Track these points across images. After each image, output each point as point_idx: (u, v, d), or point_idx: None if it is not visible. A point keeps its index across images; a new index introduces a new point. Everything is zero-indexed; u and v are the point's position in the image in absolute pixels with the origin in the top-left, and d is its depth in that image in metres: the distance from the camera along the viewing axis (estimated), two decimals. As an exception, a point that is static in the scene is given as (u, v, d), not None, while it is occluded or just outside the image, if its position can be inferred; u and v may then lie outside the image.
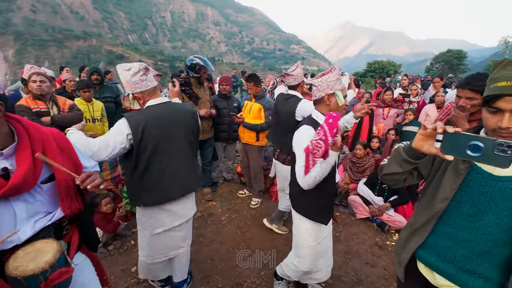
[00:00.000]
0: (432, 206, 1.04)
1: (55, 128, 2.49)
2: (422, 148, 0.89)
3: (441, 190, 1.01)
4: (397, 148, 1.04)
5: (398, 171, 1.02)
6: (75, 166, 1.12)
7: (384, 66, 30.04)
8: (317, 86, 1.55)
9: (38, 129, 1.00)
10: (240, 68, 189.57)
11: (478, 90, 1.63)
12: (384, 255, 2.52)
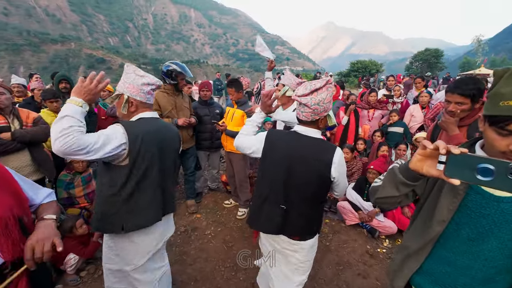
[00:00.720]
0: (428, 228, 0.95)
1: (18, 144, 2.27)
2: (421, 170, 0.80)
3: (437, 211, 0.91)
4: (392, 169, 0.94)
5: (395, 195, 0.92)
6: (16, 199, 0.95)
7: (367, 66, 30.75)
8: (313, 110, 1.30)
9: None
10: (226, 70, 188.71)
11: (467, 94, 1.58)
12: (375, 264, 2.45)
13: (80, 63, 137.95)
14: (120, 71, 70.44)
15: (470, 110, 1.63)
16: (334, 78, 20.36)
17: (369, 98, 4.58)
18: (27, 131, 2.40)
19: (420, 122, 4.03)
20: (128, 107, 1.41)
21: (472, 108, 1.62)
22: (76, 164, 2.92)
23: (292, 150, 1.35)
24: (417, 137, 3.69)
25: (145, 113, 1.44)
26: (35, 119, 2.53)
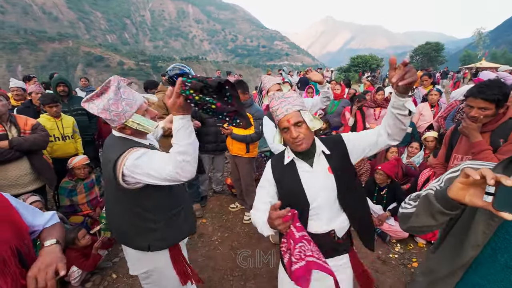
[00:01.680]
0: (460, 253, 0.86)
1: (17, 152, 2.18)
2: (463, 199, 0.71)
3: (471, 234, 0.82)
4: (426, 196, 0.84)
5: (431, 224, 0.83)
6: (15, 230, 0.87)
7: (367, 61, 30.49)
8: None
9: None
10: (225, 66, 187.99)
11: (491, 99, 1.48)
12: (388, 270, 2.38)
13: (78, 61, 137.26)
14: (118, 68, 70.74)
15: (494, 115, 1.53)
16: (335, 74, 20.20)
17: (376, 96, 4.46)
18: (25, 138, 2.31)
19: (429, 121, 3.94)
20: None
21: (496, 114, 1.53)
22: (78, 171, 2.84)
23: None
24: (427, 136, 3.61)
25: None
26: (34, 126, 2.44)
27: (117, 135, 1.33)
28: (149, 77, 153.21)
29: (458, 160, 1.70)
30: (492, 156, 1.50)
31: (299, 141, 1.16)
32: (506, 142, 1.48)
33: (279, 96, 1.20)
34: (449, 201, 0.74)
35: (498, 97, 1.47)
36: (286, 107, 1.16)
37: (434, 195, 0.81)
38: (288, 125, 1.15)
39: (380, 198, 3.00)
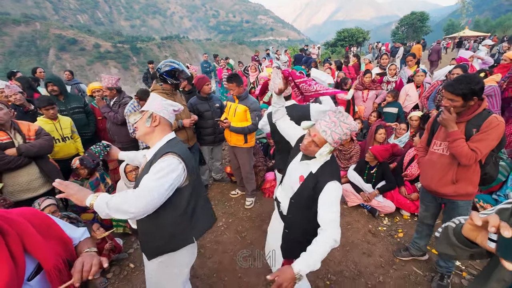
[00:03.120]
0: (486, 284, 0.85)
1: (25, 159, 2.23)
2: (475, 239, 0.75)
3: (498, 269, 0.81)
4: (446, 228, 0.90)
5: (452, 254, 0.87)
6: (63, 244, 1.00)
7: (353, 34, 30.19)
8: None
9: (10, 221, 0.85)
10: (208, 44, 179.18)
11: (456, 93, 1.68)
12: (378, 242, 2.70)
13: (49, 45, 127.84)
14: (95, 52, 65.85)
15: (464, 107, 1.72)
16: (322, 50, 19.98)
17: (364, 79, 4.63)
18: (32, 144, 2.37)
19: (415, 101, 4.17)
20: (152, 122, 1.42)
21: (465, 106, 1.71)
22: (82, 171, 2.93)
23: None
24: (411, 116, 3.85)
25: (170, 134, 1.48)
26: (37, 131, 2.48)
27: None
28: (128, 60, 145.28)
29: (437, 146, 1.93)
30: (464, 144, 1.71)
31: (304, 149, 1.43)
32: (478, 131, 1.69)
33: (340, 118, 1.35)
34: (462, 238, 0.78)
35: (463, 91, 1.66)
36: (331, 130, 1.33)
37: (453, 228, 0.85)
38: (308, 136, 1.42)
39: (370, 176, 3.27)
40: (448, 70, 4.06)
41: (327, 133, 1.32)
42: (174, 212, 1.41)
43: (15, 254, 0.80)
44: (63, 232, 1.00)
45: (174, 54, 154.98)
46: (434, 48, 9.52)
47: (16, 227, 0.84)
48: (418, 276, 2.25)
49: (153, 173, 1.28)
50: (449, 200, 1.94)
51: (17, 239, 0.82)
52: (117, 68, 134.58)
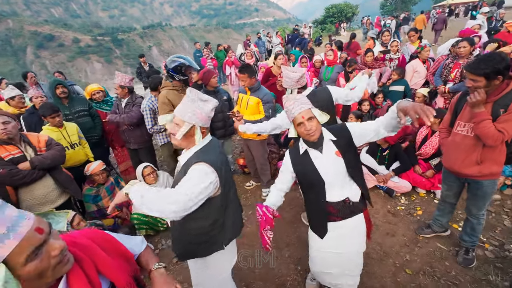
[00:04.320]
0: None
1: (40, 171, 2.16)
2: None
3: None
4: None
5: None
6: (127, 260, 0.99)
7: (342, 9, 29.42)
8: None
9: (81, 247, 0.83)
10: (192, 31, 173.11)
11: (478, 73, 1.65)
12: (398, 221, 2.76)
13: (25, 43, 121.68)
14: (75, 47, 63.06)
15: (488, 87, 1.68)
16: (313, 29, 19.50)
17: (366, 59, 4.56)
18: (45, 156, 2.29)
19: (424, 77, 4.11)
20: (193, 131, 1.39)
21: (489, 85, 1.67)
22: (97, 177, 2.88)
23: None
24: (416, 92, 3.83)
25: (207, 138, 1.45)
26: (47, 142, 2.40)
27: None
28: (111, 52, 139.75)
29: (461, 127, 1.92)
30: (490, 125, 1.69)
31: (312, 132, 1.45)
32: (505, 112, 1.67)
33: (292, 97, 1.48)
34: None
35: (485, 71, 1.62)
36: (299, 106, 1.46)
37: None
38: (302, 120, 1.45)
39: (382, 158, 3.29)
40: (451, 43, 4.01)
41: (305, 105, 1.46)
42: (205, 221, 1.42)
43: (92, 278, 0.79)
44: (125, 248, 0.98)
45: (158, 43, 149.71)
46: (440, 17, 9.89)
47: (87, 251, 0.83)
48: (443, 252, 2.33)
49: (185, 180, 1.27)
50: (473, 180, 1.96)
51: (90, 263, 0.81)
52: (100, 62, 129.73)
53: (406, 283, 2.11)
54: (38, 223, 0.67)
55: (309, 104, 1.49)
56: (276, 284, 2.25)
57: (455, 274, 2.12)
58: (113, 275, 0.86)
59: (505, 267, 2.12)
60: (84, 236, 0.89)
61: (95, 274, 0.81)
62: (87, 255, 0.81)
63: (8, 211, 0.64)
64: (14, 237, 0.61)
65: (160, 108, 2.69)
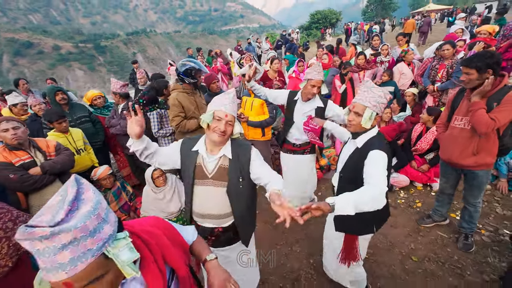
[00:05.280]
0: None
1: (51, 176, 2.14)
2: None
3: None
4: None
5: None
6: (184, 249, 1.01)
7: (326, 15, 30.40)
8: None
9: (151, 235, 0.87)
10: (177, 37, 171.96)
11: (471, 66, 1.85)
12: (399, 214, 2.91)
13: (1, 50, 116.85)
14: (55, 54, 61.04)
15: (479, 80, 1.86)
16: (300, 35, 19.99)
17: (358, 61, 4.77)
18: (55, 161, 2.28)
19: (410, 78, 4.37)
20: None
21: (480, 79, 1.86)
22: (104, 182, 2.86)
23: None
24: (406, 92, 4.08)
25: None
26: (56, 147, 2.39)
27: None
28: (94, 60, 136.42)
29: (458, 121, 2.10)
30: (484, 113, 1.86)
31: (349, 124, 1.56)
32: (498, 105, 1.86)
33: (370, 85, 1.50)
34: None
35: (477, 65, 1.82)
36: (366, 97, 1.47)
37: None
38: (353, 110, 1.53)
39: (380, 155, 3.45)
40: (435, 47, 4.30)
41: (363, 99, 1.47)
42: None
43: (160, 265, 0.82)
44: (182, 238, 1.01)
45: (143, 50, 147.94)
46: (425, 20, 10.96)
47: (155, 239, 0.86)
48: (444, 239, 2.49)
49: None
50: (469, 170, 2.13)
51: (158, 251, 0.84)
52: (82, 70, 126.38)
53: (413, 270, 2.24)
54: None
55: (369, 103, 1.46)
56: (291, 278, 2.32)
57: (457, 259, 2.28)
58: (175, 263, 0.88)
59: (501, 250, 2.30)
60: (149, 224, 0.92)
61: (162, 262, 0.84)
62: (155, 242, 0.85)
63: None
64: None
65: (170, 110, 2.73)
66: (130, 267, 0.66)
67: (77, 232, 0.57)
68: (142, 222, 0.92)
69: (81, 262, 0.58)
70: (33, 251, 0.56)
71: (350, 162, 1.60)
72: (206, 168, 1.48)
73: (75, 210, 0.60)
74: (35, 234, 0.53)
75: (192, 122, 2.75)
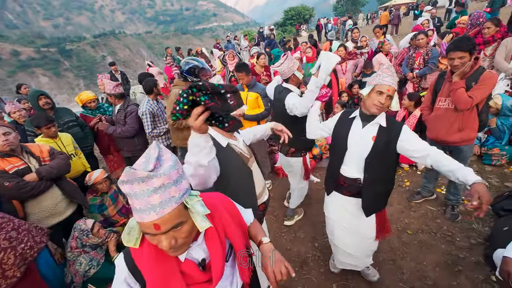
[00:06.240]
0: None
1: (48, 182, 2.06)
2: None
3: None
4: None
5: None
6: (242, 230, 1.00)
7: (300, 12, 30.93)
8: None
9: (214, 207, 0.90)
10: (149, 38, 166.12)
11: (466, 49, 2.00)
12: (392, 193, 3.10)
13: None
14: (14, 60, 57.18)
15: (469, 60, 2.05)
16: (276, 31, 20.19)
17: (339, 53, 4.97)
18: (51, 166, 2.19)
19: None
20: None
21: (469, 60, 2.03)
22: (100, 186, 2.78)
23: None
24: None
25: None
26: (50, 152, 2.31)
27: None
28: (59, 65, 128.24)
29: (442, 102, 2.29)
30: (464, 92, 2.05)
31: (379, 108, 1.49)
32: (476, 84, 2.06)
33: (392, 70, 1.50)
34: None
35: (469, 47, 2.01)
36: (394, 80, 1.47)
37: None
38: (385, 92, 1.46)
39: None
40: (409, 37, 4.60)
41: (394, 83, 1.47)
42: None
43: (221, 237, 0.86)
44: (242, 218, 1.02)
45: (113, 53, 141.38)
46: (395, 14, 12.24)
47: (219, 212, 0.90)
48: (433, 212, 2.71)
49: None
50: (455, 146, 2.34)
51: (220, 224, 0.89)
52: (46, 76, 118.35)
53: (410, 242, 2.43)
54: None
55: (396, 86, 1.49)
56: (298, 262, 2.42)
57: (446, 228, 2.50)
58: (234, 238, 0.91)
59: (483, 217, 2.55)
60: (214, 197, 0.95)
61: (223, 234, 0.88)
62: (218, 215, 0.89)
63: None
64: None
65: (170, 105, 2.72)
66: (203, 219, 0.76)
67: (165, 178, 0.68)
68: (207, 195, 0.94)
69: (167, 206, 0.69)
70: (130, 194, 0.67)
71: (379, 143, 1.54)
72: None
73: (159, 166, 0.71)
74: (137, 174, 0.65)
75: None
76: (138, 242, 0.77)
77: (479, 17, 3.57)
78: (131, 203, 0.69)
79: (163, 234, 0.71)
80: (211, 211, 0.84)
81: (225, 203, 0.99)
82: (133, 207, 0.69)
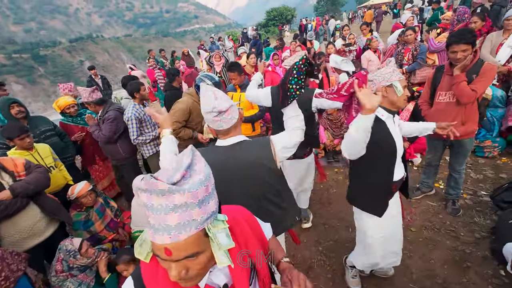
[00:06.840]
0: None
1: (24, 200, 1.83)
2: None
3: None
4: None
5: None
6: (262, 245, 0.91)
7: (282, 12, 31.20)
8: (373, 80, 1.47)
9: (235, 221, 0.80)
10: (130, 41, 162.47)
11: (470, 41, 1.97)
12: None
13: None
14: (-14, 68, 53.03)
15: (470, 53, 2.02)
16: (262, 32, 20.18)
17: (329, 51, 4.95)
18: (28, 181, 1.96)
19: (377, 65, 4.65)
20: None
21: (471, 52, 2.01)
22: (84, 199, 2.55)
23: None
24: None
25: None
26: (25, 165, 2.06)
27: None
28: (33, 71, 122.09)
29: (442, 96, 2.26)
30: (466, 85, 2.03)
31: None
32: (477, 76, 2.04)
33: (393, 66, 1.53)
34: None
35: (472, 39, 1.98)
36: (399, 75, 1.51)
37: None
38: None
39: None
40: (397, 34, 4.65)
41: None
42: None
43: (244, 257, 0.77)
44: (262, 232, 0.93)
45: (91, 57, 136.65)
46: (379, 12, 13.11)
47: (240, 226, 0.81)
48: (434, 208, 2.69)
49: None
50: (456, 140, 2.30)
51: (242, 239, 0.79)
52: (20, 83, 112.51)
53: (415, 239, 2.38)
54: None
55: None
56: (304, 268, 2.31)
57: (449, 223, 2.48)
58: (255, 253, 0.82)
59: (483, 209, 2.56)
60: (235, 210, 0.86)
61: (245, 250, 0.79)
62: (239, 230, 0.79)
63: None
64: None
65: (174, 112, 2.56)
66: (225, 254, 0.64)
67: (189, 196, 0.57)
68: (228, 208, 0.84)
69: (185, 230, 0.58)
70: (147, 205, 0.57)
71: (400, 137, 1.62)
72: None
73: (188, 177, 0.60)
74: (157, 185, 0.55)
75: (187, 132, 2.67)
76: (149, 257, 0.66)
77: (465, 13, 3.64)
78: (147, 214, 0.59)
79: (173, 262, 0.60)
80: (231, 225, 0.74)
81: (245, 215, 0.89)
82: (148, 219, 0.60)
